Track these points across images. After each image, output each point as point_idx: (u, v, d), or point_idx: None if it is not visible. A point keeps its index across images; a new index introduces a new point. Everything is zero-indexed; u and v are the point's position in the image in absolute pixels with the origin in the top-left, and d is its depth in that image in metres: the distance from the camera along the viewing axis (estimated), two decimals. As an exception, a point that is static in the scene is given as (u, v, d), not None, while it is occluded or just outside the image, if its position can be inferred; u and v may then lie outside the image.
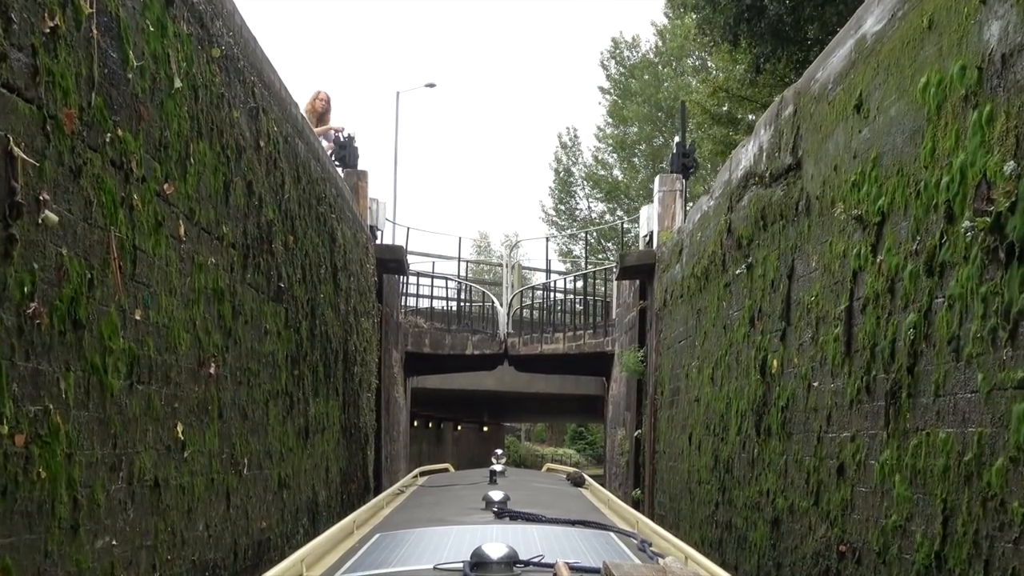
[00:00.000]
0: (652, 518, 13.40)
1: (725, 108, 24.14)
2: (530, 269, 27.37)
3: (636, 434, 14.83)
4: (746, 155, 8.58)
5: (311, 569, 4.08)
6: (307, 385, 8.70)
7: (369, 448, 12.68)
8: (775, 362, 7.57)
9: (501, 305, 21.76)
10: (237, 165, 6.43)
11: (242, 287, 6.62)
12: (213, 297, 5.98)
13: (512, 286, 23.54)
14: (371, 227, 14.43)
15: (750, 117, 23.94)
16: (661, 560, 3.83)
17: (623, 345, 16.82)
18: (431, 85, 39.56)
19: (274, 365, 7.54)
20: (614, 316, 20.10)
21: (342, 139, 14.64)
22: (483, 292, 21.90)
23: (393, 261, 14.74)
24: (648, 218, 15.22)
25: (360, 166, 14.38)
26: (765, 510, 7.74)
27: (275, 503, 7.67)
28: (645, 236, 15.40)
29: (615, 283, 21.13)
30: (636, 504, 14.67)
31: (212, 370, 5.94)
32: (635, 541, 4.49)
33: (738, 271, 8.65)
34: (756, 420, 7.97)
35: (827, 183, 6.53)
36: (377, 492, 14.58)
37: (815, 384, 6.64)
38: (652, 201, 14.99)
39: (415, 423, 32.79)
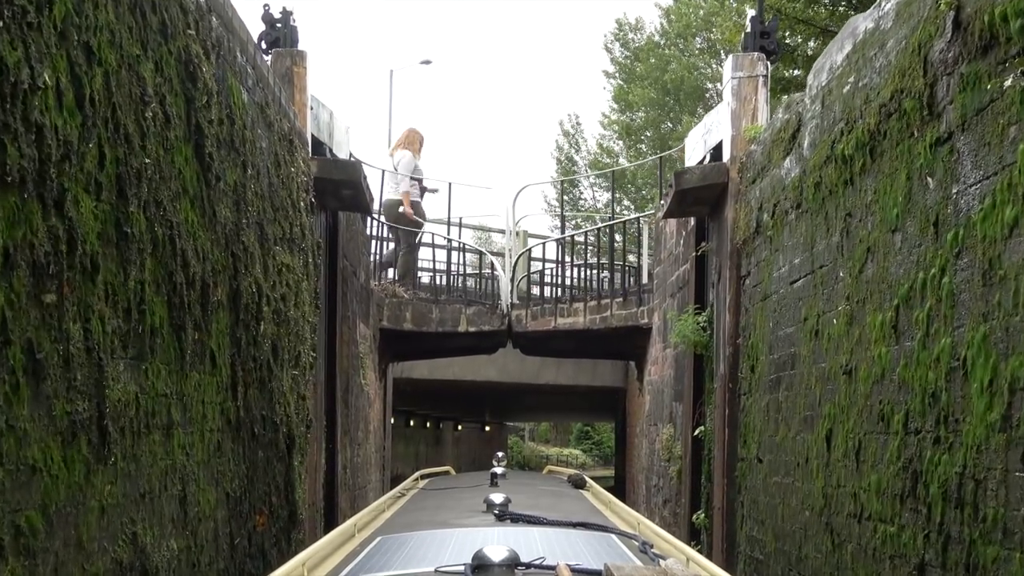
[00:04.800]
0: (734, 561, 8.89)
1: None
2: (537, 237, 22.71)
3: (696, 432, 10.35)
4: None
5: (312, 572, 4.03)
6: (101, 334, 4.18)
7: (298, 457, 8.08)
8: None
9: (503, 271, 17.17)
10: None
11: None
12: None
13: (512, 253, 18.82)
14: (313, 138, 9.92)
15: (810, 45, 19.45)
16: (663, 562, 3.83)
17: (669, 310, 12.36)
18: (427, 62, 36.32)
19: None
20: (645, 280, 15.67)
21: (274, 15, 10.15)
22: (480, 252, 17.22)
23: (348, 186, 10.12)
24: (709, 129, 10.68)
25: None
26: None
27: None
28: (703, 158, 10.86)
29: (644, 241, 16.75)
30: (696, 534, 10.19)
31: None
32: (636, 543, 4.44)
33: (1008, 85, 4.13)
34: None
35: None
36: (329, 515, 10.32)
37: None
38: (721, 101, 10.45)
39: (411, 422, 28.68)
